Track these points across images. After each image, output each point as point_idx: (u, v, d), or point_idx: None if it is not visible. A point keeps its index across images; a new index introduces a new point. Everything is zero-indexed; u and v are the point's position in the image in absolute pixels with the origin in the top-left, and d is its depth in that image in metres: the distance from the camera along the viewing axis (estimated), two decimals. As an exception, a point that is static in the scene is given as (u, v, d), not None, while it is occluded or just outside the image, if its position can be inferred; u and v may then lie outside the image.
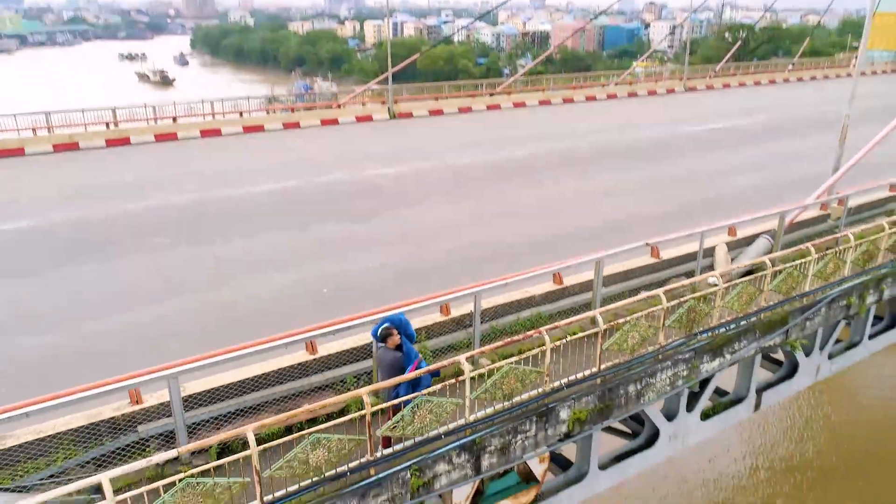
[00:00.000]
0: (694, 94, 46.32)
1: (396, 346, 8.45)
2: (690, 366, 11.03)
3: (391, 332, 8.41)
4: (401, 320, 8.69)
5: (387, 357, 8.47)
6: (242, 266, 14.98)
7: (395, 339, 8.42)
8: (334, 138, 30.52)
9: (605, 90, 44.27)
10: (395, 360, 8.40)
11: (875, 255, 13.70)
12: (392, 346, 8.44)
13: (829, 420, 26.02)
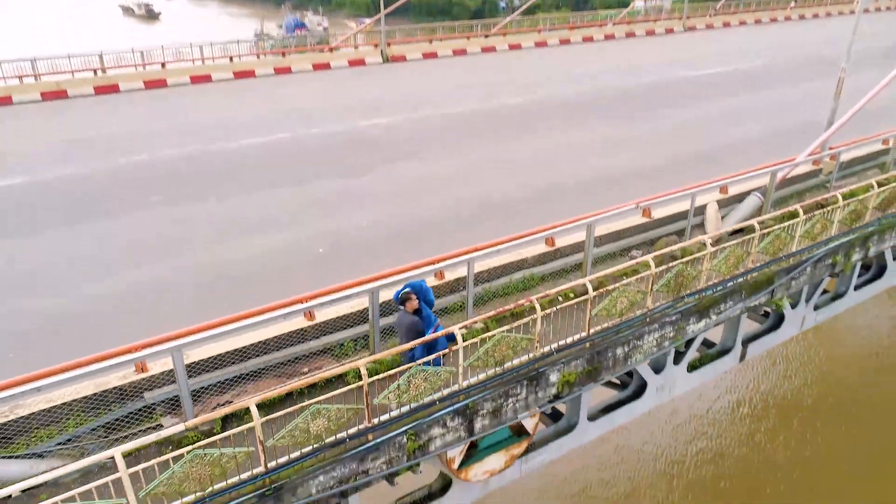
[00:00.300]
0: (693, 34, 45.47)
1: (415, 310, 8.86)
2: (677, 327, 11.39)
3: (410, 296, 8.84)
4: (421, 286, 9.11)
5: (405, 320, 8.90)
6: (237, 225, 15.10)
7: (413, 303, 8.84)
8: (326, 84, 30.10)
9: (603, 30, 43.38)
10: (413, 324, 8.83)
11: (863, 214, 13.92)
12: (411, 311, 8.86)
13: (821, 363, 26.67)
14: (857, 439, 21.80)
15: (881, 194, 13.97)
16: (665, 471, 20.64)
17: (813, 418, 22.70)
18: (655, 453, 21.30)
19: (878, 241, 14.83)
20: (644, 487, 20.09)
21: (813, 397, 23.87)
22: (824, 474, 20.53)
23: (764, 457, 21.04)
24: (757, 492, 19.80)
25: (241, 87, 29.58)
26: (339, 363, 10.06)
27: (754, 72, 31.85)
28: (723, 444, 21.55)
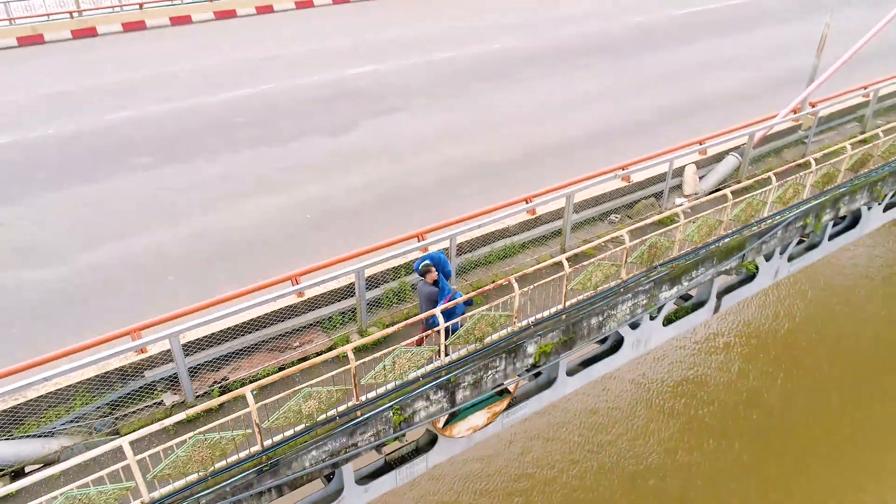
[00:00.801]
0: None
1: (434, 281, 9.59)
2: (650, 295, 11.97)
3: (430, 268, 9.58)
4: (440, 258, 9.88)
5: (425, 290, 9.67)
6: (226, 189, 15.32)
7: (433, 274, 9.58)
8: (309, 25, 29.42)
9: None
10: (432, 294, 9.62)
11: (835, 177, 14.31)
12: (430, 281, 9.60)
13: (805, 297, 27.66)
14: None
15: (853, 156, 14.31)
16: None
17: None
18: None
19: (849, 202, 15.30)
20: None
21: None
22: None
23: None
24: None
25: (223, 29, 28.98)
26: (328, 336, 10.65)
27: (743, 11, 31.29)
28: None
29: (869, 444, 20.95)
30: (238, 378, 9.72)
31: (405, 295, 11.37)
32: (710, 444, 20.93)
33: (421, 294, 9.82)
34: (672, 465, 20.25)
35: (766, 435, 21.25)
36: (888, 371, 23.76)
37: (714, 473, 20.02)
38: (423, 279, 9.72)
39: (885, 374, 23.66)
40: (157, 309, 11.24)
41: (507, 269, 12.14)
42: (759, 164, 16.24)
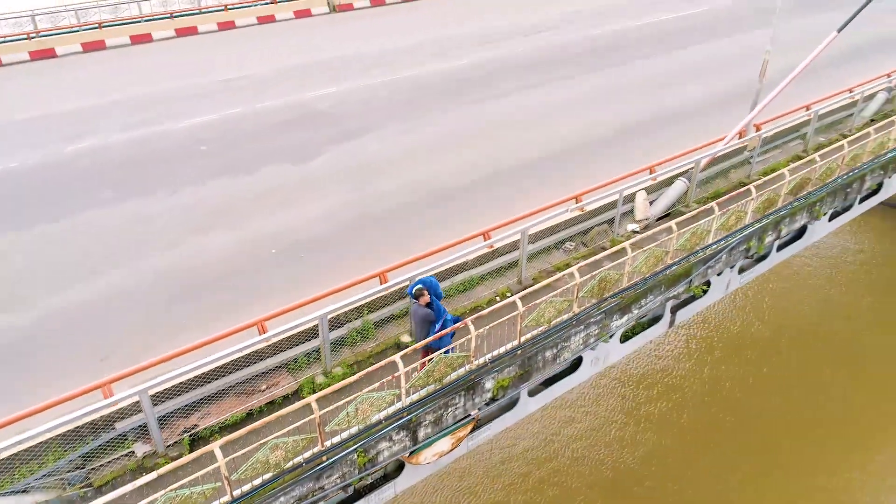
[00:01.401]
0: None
1: (427, 303, 10.24)
2: (601, 325, 12.61)
3: (423, 292, 10.28)
4: (431, 282, 10.57)
5: (420, 312, 10.35)
6: (190, 222, 15.55)
7: (426, 297, 10.25)
8: (272, 42, 29.47)
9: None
10: (427, 315, 10.33)
11: (776, 202, 15.12)
12: (424, 304, 10.27)
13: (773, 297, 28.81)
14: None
15: (792, 181, 15.13)
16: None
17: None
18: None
19: (790, 223, 16.15)
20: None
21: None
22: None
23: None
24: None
25: (184, 47, 28.94)
26: (294, 377, 11.07)
27: (704, 19, 32.11)
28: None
29: (839, 435, 22.08)
30: (208, 425, 10.09)
31: (368, 333, 11.83)
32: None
33: (416, 316, 10.47)
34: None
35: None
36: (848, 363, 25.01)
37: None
38: (416, 302, 10.37)
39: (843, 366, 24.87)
40: (125, 352, 11.62)
41: (466, 304, 12.68)
42: (707, 187, 17.02)
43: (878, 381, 24.50)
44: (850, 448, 21.78)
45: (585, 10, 33.51)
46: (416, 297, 10.29)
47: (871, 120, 20.93)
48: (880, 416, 23.06)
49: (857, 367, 24.99)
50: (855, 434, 22.23)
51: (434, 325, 10.33)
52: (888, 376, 24.76)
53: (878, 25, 28.91)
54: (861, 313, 27.96)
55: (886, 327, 27.24)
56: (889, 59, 25.80)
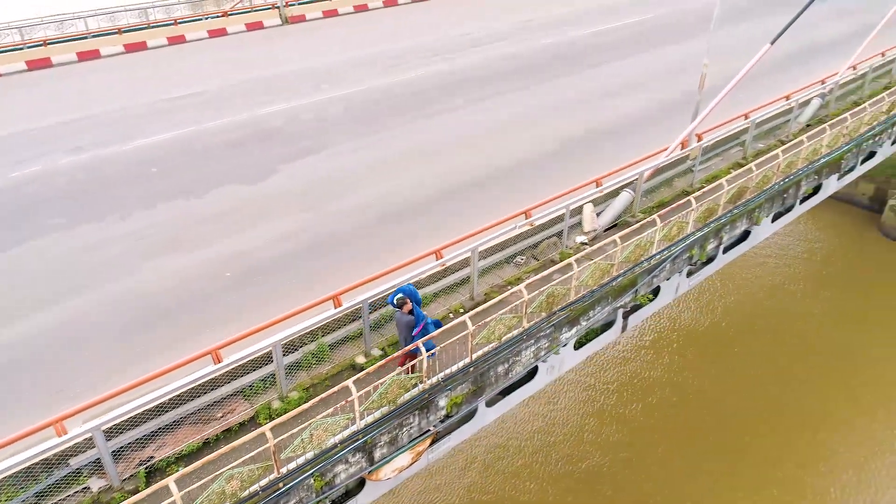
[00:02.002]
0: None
1: (409, 310, 10.84)
2: (552, 338, 13.02)
3: (405, 300, 10.86)
4: (411, 290, 11.13)
5: (403, 319, 10.96)
6: (142, 247, 15.49)
7: (408, 305, 10.87)
8: (224, 56, 29.39)
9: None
10: (410, 322, 10.93)
11: (716, 211, 15.76)
12: (406, 311, 10.86)
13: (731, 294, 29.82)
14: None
15: (730, 191, 15.79)
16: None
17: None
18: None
19: (731, 230, 16.84)
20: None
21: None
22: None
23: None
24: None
25: (133, 63, 28.62)
26: (250, 403, 11.19)
27: (641, 29, 32.91)
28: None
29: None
30: (164, 456, 10.16)
31: (324, 355, 12.01)
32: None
33: (399, 323, 11.04)
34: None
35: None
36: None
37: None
38: (398, 310, 10.92)
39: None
40: (79, 384, 11.60)
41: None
42: (652, 196, 17.60)
43: (839, 373, 25.63)
44: (814, 440, 22.78)
45: (536, 20, 34.12)
46: (399, 306, 10.88)
47: (807, 125, 21.87)
48: (840, 408, 24.13)
49: (816, 361, 26.10)
50: (817, 425, 23.26)
51: (413, 329, 10.93)
52: (847, 368, 25.93)
53: (813, 31, 30.11)
54: (817, 306, 29.22)
55: (841, 320, 28.54)
56: (823, 63, 26.98)
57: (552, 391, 24.64)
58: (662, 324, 27.99)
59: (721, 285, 29.67)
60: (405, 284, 11.47)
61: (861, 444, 22.65)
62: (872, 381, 25.19)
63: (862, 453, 22.26)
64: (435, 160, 19.64)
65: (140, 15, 31.77)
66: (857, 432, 23.07)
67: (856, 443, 22.70)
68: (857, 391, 24.89)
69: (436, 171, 19.00)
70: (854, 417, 23.66)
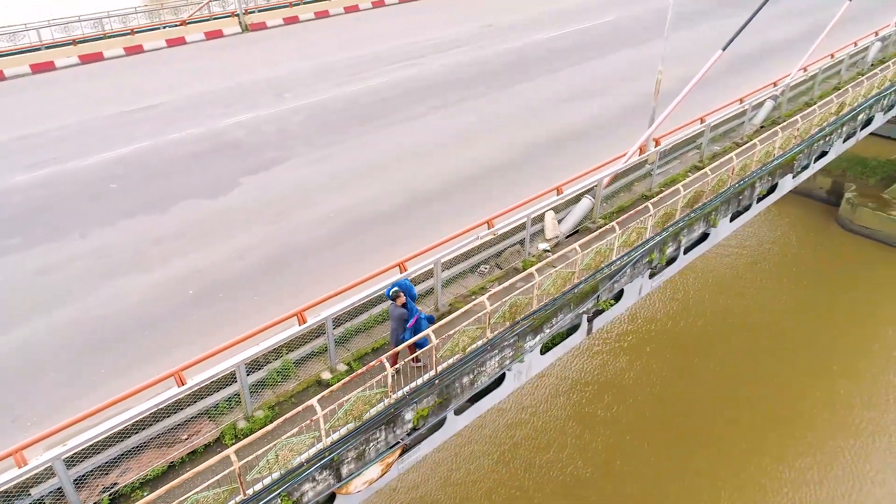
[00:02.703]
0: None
1: (403, 304, 11.35)
2: (515, 347, 13.22)
3: (399, 294, 11.39)
4: (406, 284, 11.73)
5: (395, 312, 11.45)
6: (103, 266, 15.28)
7: (402, 298, 11.38)
8: (183, 66, 29.05)
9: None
10: (403, 314, 11.42)
11: (673, 215, 16.13)
12: (400, 304, 11.37)
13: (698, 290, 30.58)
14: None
15: (687, 195, 16.18)
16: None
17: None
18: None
19: (689, 233, 17.24)
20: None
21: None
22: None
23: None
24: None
25: (90, 75, 28.15)
26: (215, 424, 11.15)
27: (597, 33, 33.31)
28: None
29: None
30: (128, 481, 10.08)
31: (289, 372, 12.02)
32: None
33: (393, 315, 11.53)
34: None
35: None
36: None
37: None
38: (393, 303, 11.42)
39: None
40: (39, 411, 11.44)
41: (386, 335, 13.01)
42: (612, 201, 17.92)
43: (809, 366, 26.53)
44: (790, 434, 23.50)
45: (497, 25, 34.40)
46: (393, 299, 11.39)
47: (761, 126, 22.46)
48: (812, 400, 24.96)
49: (785, 354, 26.95)
50: (792, 419, 24.05)
51: (405, 322, 11.45)
52: (816, 361, 26.85)
53: (764, 32, 30.92)
54: (783, 299, 30.16)
55: (807, 313, 29.50)
56: (776, 62, 27.76)
57: (531, 398, 24.96)
58: (638, 325, 28.55)
59: (688, 282, 30.35)
60: (401, 279, 12.05)
61: (835, 435, 23.48)
62: (845, 373, 26.16)
63: (838, 444, 23.08)
64: (399, 169, 19.70)
65: (95, 25, 31.18)
66: (830, 424, 23.91)
67: (829, 435, 23.53)
68: (829, 382, 25.81)
69: (400, 180, 19.06)
70: (824, 409, 24.52)
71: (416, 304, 11.99)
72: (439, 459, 23.04)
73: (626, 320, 28.93)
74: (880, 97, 25.26)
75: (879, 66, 25.86)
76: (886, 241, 37.89)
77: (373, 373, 10.98)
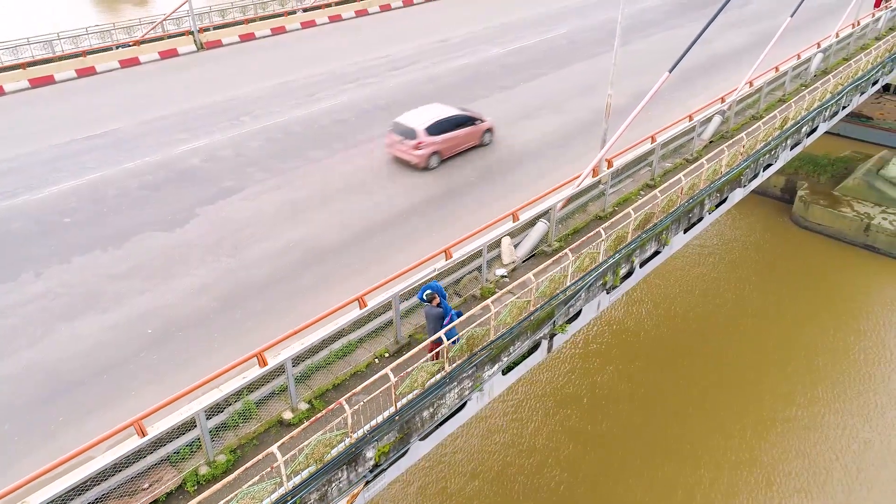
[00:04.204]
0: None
1: (437, 304, 12.64)
2: (474, 377, 13.50)
3: (433, 296, 12.69)
4: (437, 286, 12.96)
5: (432, 312, 12.76)
6: (58, 307, 15.13)
7: (436, 300, 12.70)
8: (137, 88, 28.68)
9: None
10: (439, 314, 12.70)
11: (625, 238, 16.61)
12: (435, 304, 12.67)
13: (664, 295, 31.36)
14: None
15: (637, 218, 16.68)
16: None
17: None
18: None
19: (641, 253, 17.76)
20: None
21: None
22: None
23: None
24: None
25: (40, 100, 27.63)
26: (177, 470, 11.19)
27: (551, 46, 33.79)
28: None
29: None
30: (89, 536, 10.08)
31: (250, 413, 12.10)
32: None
33: (429, 315, 12.81)
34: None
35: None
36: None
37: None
38: (429, 304, 12.66)
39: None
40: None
41: (347, 370, 13.18)
42: (567, 222, 18.34)
43: (770, 364, 27.50)
44: (757, 435, 24.36)
45: (452, 39, 34.71)
46: (429, 301, 12.66)
47: (710, 141, 23.18)
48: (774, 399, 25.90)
49: (749, 355, 27.89)
50: (754, 420, 24.92)
51: (444, 319, 12.61)
52: (778, 358, 27.87)
53: (710, 45, 31.81)
54: (743, 298, 31.20)
55: (766, 310, 30.57)
56: (724, 72, 28.71)
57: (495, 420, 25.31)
58: (604, 337, 29.17)
59: (652, 283, 31.11)
60: (432, 282, 13.54)
61: (804, 432, 24.37)
62: (804, 370, 27.20)
63: (805, 445, 23.96)
64: (357, 195, 19.83)
65: (45, 47, 30.59)
66: (796, 421, 24.86)
67: (794, 432, 24.43)
68: (792, 378, 26.80)
69: (358, 207, 19.20)
70: (787, 408, 25.47)
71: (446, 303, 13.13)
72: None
73: (595, 333, 29.52)
74: (822, 109, 26.24)
75: (821, 80, 26.86)
76: (838, 237, 39.42)
77: (334, 413, 11.15)
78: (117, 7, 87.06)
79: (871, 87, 32.63)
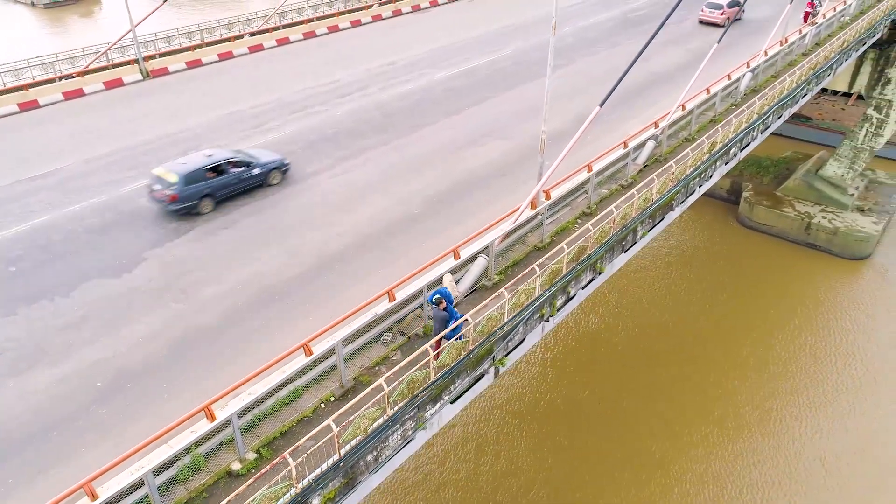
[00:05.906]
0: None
1: (444, 307, 14.19)
2: (417, 418, 14.16)
3: (441, 300, 14.24)
4: (445, 292, 14.54)
5: (439, 314, 14.39)
6: (4, 363, 15.21)
7: (444, 304, 14.26)
8: (82, 123, 28.45)
9: (370, 12, 44.22)
10: (445, 316, 14.32)
11: (560, 272, 17.47)
12: (442, 308, 14.22)
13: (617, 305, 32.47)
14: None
15: (570, 252, 17.56)
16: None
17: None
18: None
19: (577, 284, 18.66)
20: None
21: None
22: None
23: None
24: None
25: (-19, 137, 27.26)
26: (129, 528, 11.58)
27: (497, 68, 34.59)
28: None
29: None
30: None
31: (199, 466, 12.52)
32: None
33: (437, 317, 14.43)
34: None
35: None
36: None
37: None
38: (437, 307, 14.28)
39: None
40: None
41: (294, 417, 13.69)
42: (507, 254, 19.11)
43: (721, 366, 28.94)
44: (711, 436, 25.70)
45: (399, 62, 35.31)
46: (437, 304, 14.22)
47: (644, 165, 24.27)
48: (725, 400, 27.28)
49: (702, 358, 29.28)
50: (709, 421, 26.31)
51: (449, 321, 14.22)
52: (728, 359, 29.37)
53: (647, 62, 33.10)
54: (694, 302, 32.67)
55: (717, 312, 32.08)
56: (659, 90, 29.99)
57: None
58: (558, 351, 30.15)
59: (605, 291, 32.27)
60: (440, 287, 15.20)
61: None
62: (758, 368, 28.83)
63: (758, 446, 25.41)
64: (301, 233, 20.27)
65: (-15, 81, 30.17)
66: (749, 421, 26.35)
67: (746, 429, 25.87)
68: (744, 379, 28.37)
69: (302, 246, 19.64)
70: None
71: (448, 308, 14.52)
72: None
73: (553, 347, 30.50)
74: (750, 129, 27.65)
75: (747, 103, 28.28)
76: (781, 236, 41.41)
77: (280, 465, 11.68)
78: (63, 18, 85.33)
79: (798, 102, 34.38)
